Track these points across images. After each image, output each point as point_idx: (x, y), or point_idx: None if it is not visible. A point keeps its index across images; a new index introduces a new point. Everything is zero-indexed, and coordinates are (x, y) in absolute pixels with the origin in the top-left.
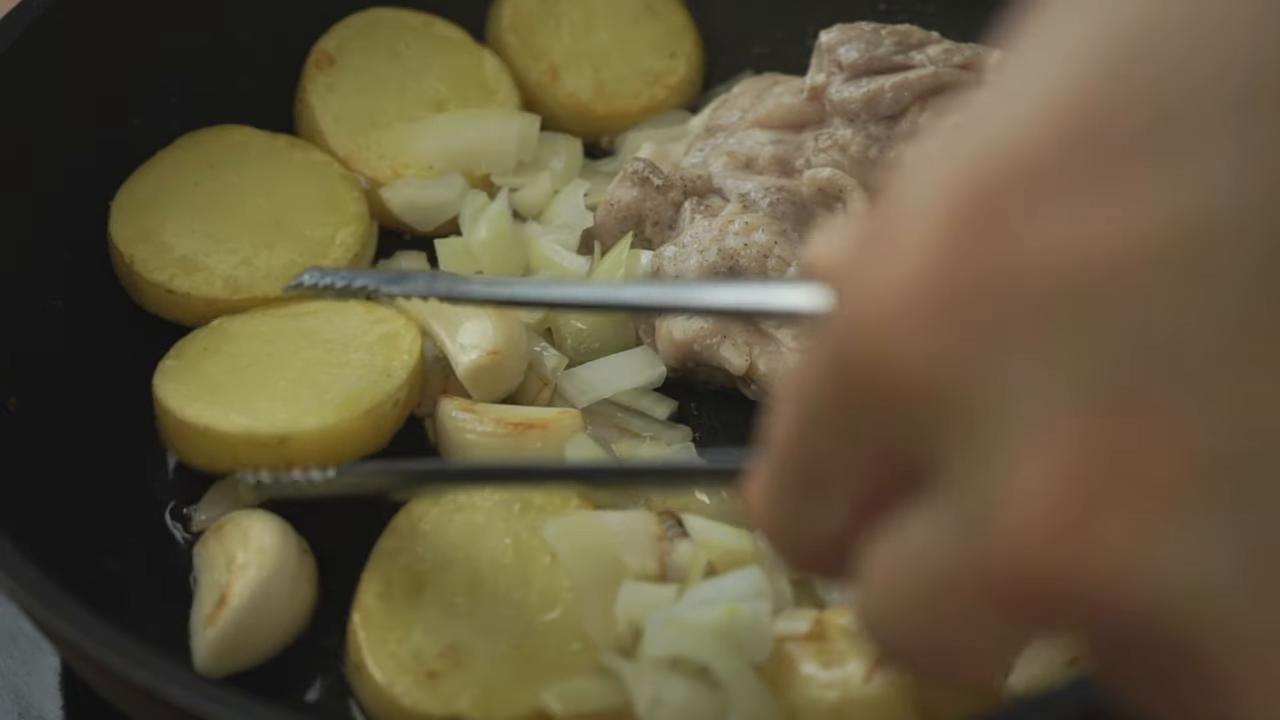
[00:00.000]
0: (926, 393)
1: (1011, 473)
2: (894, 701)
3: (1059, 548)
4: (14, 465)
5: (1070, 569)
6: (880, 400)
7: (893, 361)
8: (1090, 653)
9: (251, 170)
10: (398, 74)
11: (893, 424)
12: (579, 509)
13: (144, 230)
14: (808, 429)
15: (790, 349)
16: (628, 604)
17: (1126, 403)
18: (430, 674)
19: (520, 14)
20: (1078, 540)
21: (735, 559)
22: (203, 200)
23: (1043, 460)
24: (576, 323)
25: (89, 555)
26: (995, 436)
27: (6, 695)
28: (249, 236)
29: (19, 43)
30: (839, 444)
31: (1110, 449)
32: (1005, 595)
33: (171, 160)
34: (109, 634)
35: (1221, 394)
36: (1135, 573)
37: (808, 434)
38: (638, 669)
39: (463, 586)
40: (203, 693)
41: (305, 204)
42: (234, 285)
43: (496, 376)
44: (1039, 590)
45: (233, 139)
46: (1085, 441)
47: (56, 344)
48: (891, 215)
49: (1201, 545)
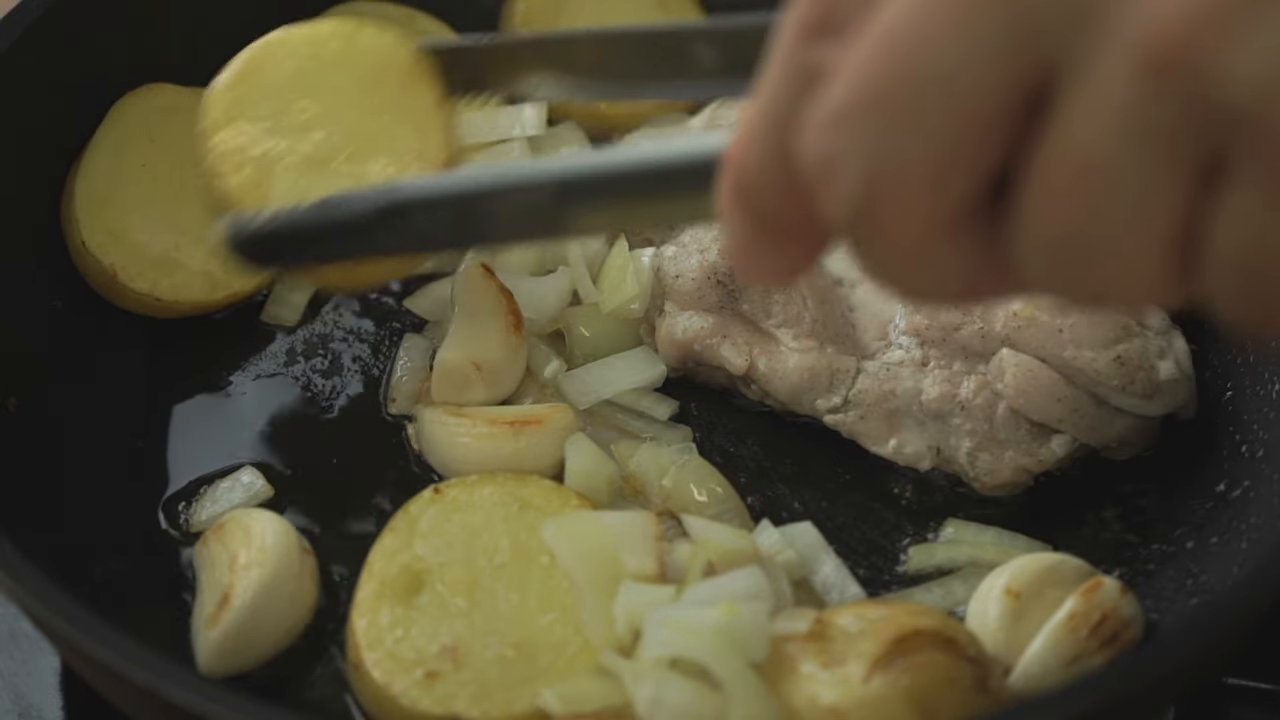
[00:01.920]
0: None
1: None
2: (894, 701)
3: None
4: (14, 465)
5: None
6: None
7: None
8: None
9: (190, 137)
10: None
11: None
12: (578, 509)
13: (113, 231)
14: None
15: (791, 348)
16: (627, 604)
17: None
18: (429, 674)
19: (533, 9)
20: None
21: (735, 559)
22: (155, 182)
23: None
24: (582, 329)
25: (89, 555)
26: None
27: (6, 695)
28: (206, 215)
29: (19, 43)
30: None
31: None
32: (1157, 63)
33: (113, 139)
34: (109, 634)
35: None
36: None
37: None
38: (637, 669)
39: (461, 587)
40: (203, 693)
41: None
42: (212, 284)
43: (461, 386)
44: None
45: (161, 102)
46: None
47: (56, 344)
48: None
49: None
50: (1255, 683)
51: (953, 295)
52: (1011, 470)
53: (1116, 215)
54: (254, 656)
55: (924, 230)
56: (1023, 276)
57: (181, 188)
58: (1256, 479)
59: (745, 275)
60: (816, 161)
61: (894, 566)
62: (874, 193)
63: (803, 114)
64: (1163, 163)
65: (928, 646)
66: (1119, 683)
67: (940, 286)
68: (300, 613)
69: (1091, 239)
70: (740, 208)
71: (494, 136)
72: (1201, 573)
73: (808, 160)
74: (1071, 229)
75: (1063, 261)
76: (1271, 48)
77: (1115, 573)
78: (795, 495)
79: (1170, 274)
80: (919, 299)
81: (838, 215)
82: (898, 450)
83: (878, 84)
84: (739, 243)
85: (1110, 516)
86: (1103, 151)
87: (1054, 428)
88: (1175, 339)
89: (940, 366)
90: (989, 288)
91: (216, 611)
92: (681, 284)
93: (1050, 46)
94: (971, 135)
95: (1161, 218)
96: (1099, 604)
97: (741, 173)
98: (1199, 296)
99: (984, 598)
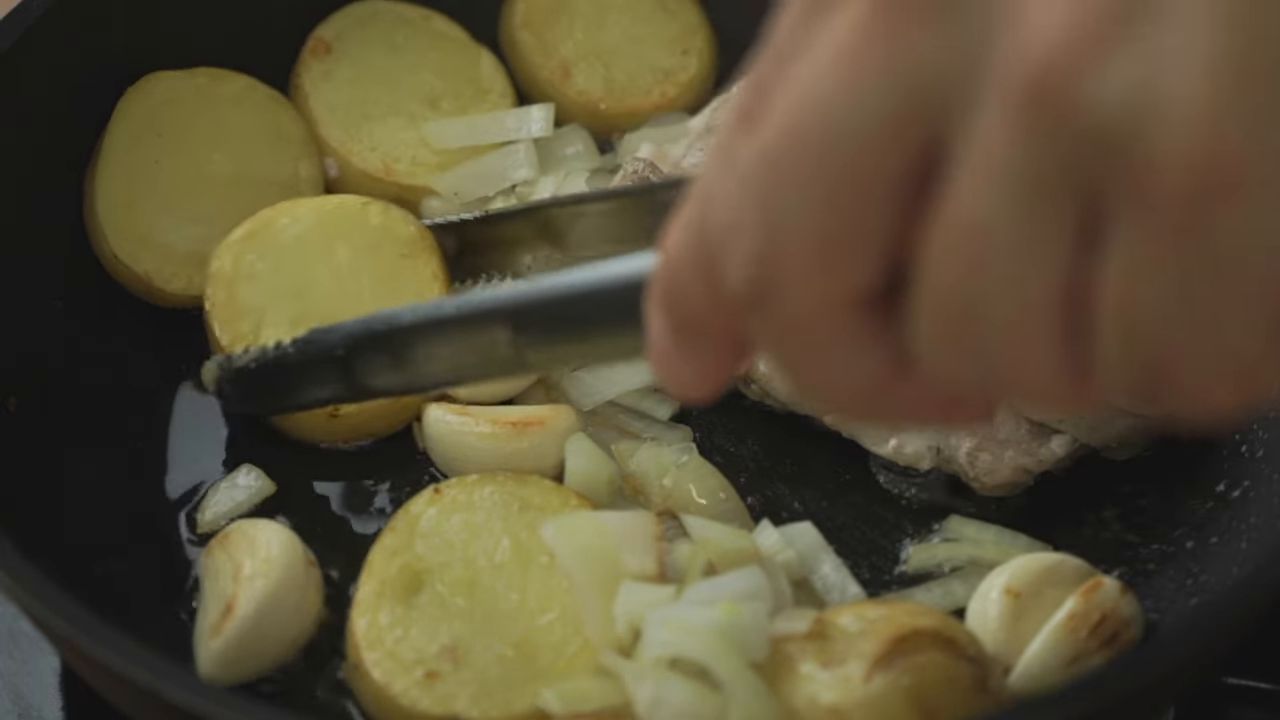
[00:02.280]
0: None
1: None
2: (894, 701)
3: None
4: (14, 465)
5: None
6: None
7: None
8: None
9: (195, 125)
10: (393, 67)
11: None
12: (578, 509)
13: (140, 236)
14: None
15: None
16: (627, 604)
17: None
18: (429, 674)
19: (533, 10)
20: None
21: (734, 559)
22: (170, 178)
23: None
24: None
25: (89, 555)
26: None
27: (6, 695)
28: (225, 203)
29: (19, 43)
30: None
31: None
32: (1029, 99)
33: (123, 142)
34: (109, 634)
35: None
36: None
37: None
38: (637, 669)
39: (461, 586)
40: (203, 694)
41: (255, 144)
42: None
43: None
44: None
45: (161, 94)
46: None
47: (56, 344)
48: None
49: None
50: (1255, 683)
51: (856, 394)
52: (1011, 470)
53: (1000, 279)
54: (256, 666)
55: (817, 305)
56: (924, 369)
57: (195, 178)
58: (1256, 479)
59: (664, 381)
60: (719, 233)
61: (894, 566)
62: (767, 259)
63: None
64: (1041, 217)
65: (928, 646)
66: (1119, 683)
67: (842, 378)
68: (304, 624)
69: (979, 307)
70: (661, 307)
71: (501, 138)
72: (1201, 573)
73: (714, 235)
74: (958, 300)
75: (956, 340)
76: (1136, 68)
77: (1115, 573)
78: (795, 495)
79: (1064, 349)
80: (825, 399)
81: (736, 287)
82: (898, 450)
83: (773, 153)
84: (658, 346)
85: (1110, 516)
86: (983, 211)
87: (1054, 427)
88: None
89: None
90: (891, 388)
91: (220, 621)
92: None
93: (937, 106)
94: (861, 202)
95: (1046, 277)
96: (1099, 604)
97: (665, 269)
98: (1101, 389)
99: (984, 597)
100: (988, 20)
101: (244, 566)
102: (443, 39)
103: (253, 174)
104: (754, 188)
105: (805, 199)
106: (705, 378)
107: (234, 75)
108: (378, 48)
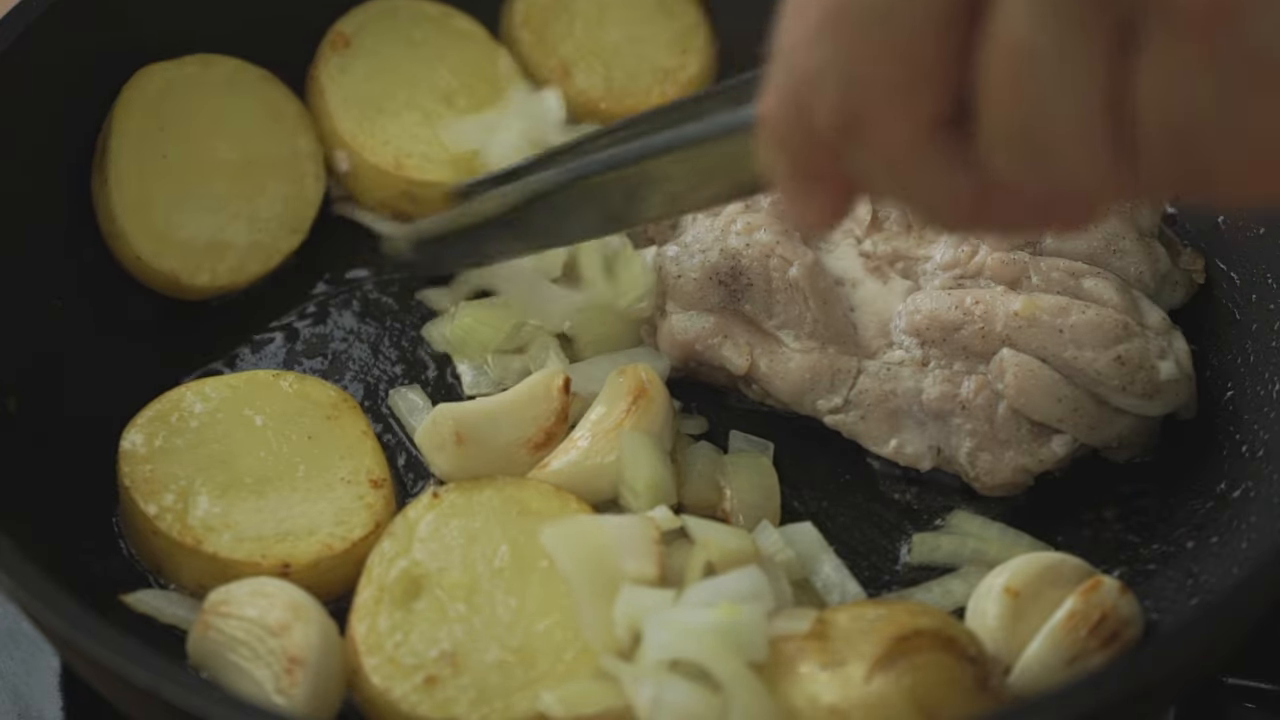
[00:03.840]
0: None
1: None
2: (894, 701)
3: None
4: (14, 465)
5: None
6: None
7: None
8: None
9: (196, 114)
10: (411, 63)
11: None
12: (576, 513)
13: (159, 234)
14: None
15: (792, 349)
16: (627, 607)
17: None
18: (428, 679)
19: (533, 10)
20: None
21: (735, 559)
22: (178, 171)
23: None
24: (586, 331)
25: (89, 555)
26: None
27: (6, 695)
28: (233, 187)
29: (19, 43)
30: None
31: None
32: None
33: (128, 140)
34: (109, 634)
35: None
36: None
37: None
38: (637, 671)
39: (460, 591)
40: (203, 694)
41: (252, 125)
42: (266, 253)
43: (437, 445)
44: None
45: (156, 86)
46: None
47: (56, 344)
48: None
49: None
50: (1255, 683)
51: (958, 212)
52: (1012, 470)
53: (1049, 91)
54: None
55: (900, 136)
56: (998, 179)
57: (202, 166)
58: (1257, 479)
59: (793, 219)
60: (803, 80)
61: (894, 566)
62: (853, 105)
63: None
64: (1078, 33)
65: (928, 646)
66: (1119, 683)
67: (940, 200)
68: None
69: (1034, 118)
70: (776, 155)
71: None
72: (1201, 573)
73: (799, 81)
74: (1016, 113)
75: (1019, 148)
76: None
77: (1115, 573)
78: (795, 495)
79: (1114, 148)
80: (924, 215)
81: (829, 129)
82: (898, 450)
83: (836, 6)
84: (782, 188)
85: (1110, 516)
86: (1026, 34)
87: (1054, 428)
88: (1175, 339)
89: (941, 366)
90: (985, 202)
91: (286, 679)
92: (683, 284)
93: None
94: (920, 39)
95: (1089, 85)
96: (1098, 603)
97: (767, 124)
98: (1149, 183)
99: (983, 597)
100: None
101: (277, 619)
102: (461, 36)
103: (255, 155)
104: (827, 39)
105: (871, 43)
106: (825, 213)
107: (222, 59)
108: (396, 43)
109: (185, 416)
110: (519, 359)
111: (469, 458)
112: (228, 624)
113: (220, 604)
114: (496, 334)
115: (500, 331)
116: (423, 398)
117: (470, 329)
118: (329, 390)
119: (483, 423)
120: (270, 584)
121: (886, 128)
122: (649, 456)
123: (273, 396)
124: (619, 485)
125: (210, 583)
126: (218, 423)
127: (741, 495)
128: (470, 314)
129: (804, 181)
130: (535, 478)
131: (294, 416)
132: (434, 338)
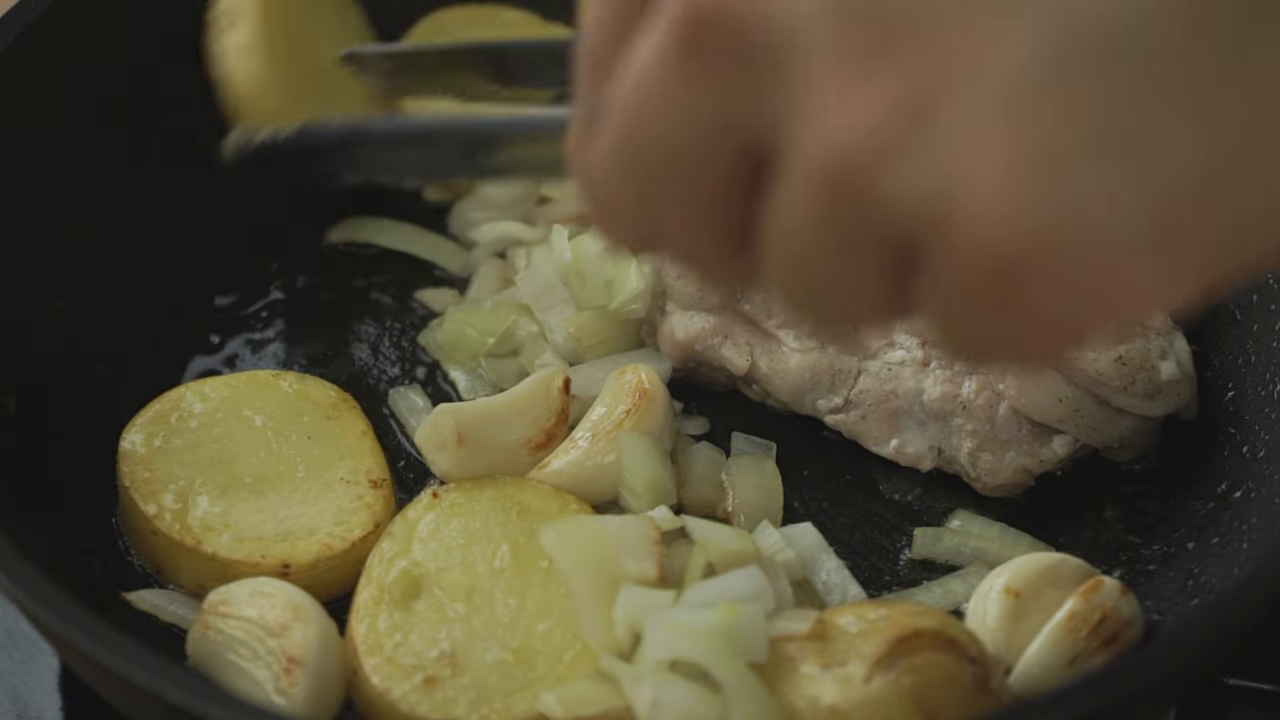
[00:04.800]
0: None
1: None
2: (895, 702)
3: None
4: (14, 465)
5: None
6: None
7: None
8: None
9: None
10: None
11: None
12: (576, 513)
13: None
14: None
15: (792, 349)
16: (627, 608)
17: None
18: (428, 679)
19: None
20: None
21: (734, 559)
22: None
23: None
24: (586, 332)
25: (89, 555)
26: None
27: (6, 696)
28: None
29: (19, 42)
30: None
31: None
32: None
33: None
34: (109, 634)
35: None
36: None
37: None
38: (636, 672)
39: (460, 592)
40: (203, 694)
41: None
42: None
43: (437, 445)
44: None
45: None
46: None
47: (56, 344)
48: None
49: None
50: (1255, 683)
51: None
52: (1013, 471)
53: (820, 289)
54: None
55: (706, 250)
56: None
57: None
58: (1258, 480)
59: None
60: (603, 186)
61: (894, 566)
62: (651, 221)
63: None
64: (850, 254)
65: (928, 647)
66: (1119, 683)
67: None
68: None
69: (806, 311)
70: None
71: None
72: (1202, 573)
73: (598, 182)
74: (789, 300)
75: (795, 295)
76: (924, 173)
77: (1116, 573)
78: (795, 495)
79: (887, 308)
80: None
81: (631, 238)
82: (899, 451)
83: (626, 144)
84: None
85: (1111, 517)
86: (801, 239)
87: (1055, 428)
88: (1177, 340)
89: (942, 366)
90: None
91: (285, 679)
92: (683, 284)
93: (756, 136)
94: (709, 192)
95: (862, 294)
96: (1099, 604)
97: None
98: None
99: (984, 597)
100: (785, 97)
101: (268, 618)
102: (509, 29)
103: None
104: (620, 168)
105: (665, 190)
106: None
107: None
108: None
109: (185, 416)
110: (514, 361)
111: (469, 458)
112: (227, 624)
113: (220, 604)
114: (486, 338)
115: (490, 335)
116: (423, 398)
117: (459, 334)
118: (329, 390)
119: (483, 423)
120: (270, 584)
121: (685, 244)
122: (649, 457)
123: (272, 396)
124: (619, 486)
125: (210, 583)
126: (217, 423)
127: (744, 496)
128: (459, 319)
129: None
130: (535, 478)
131: (294, 416)
132: (429, 344)
